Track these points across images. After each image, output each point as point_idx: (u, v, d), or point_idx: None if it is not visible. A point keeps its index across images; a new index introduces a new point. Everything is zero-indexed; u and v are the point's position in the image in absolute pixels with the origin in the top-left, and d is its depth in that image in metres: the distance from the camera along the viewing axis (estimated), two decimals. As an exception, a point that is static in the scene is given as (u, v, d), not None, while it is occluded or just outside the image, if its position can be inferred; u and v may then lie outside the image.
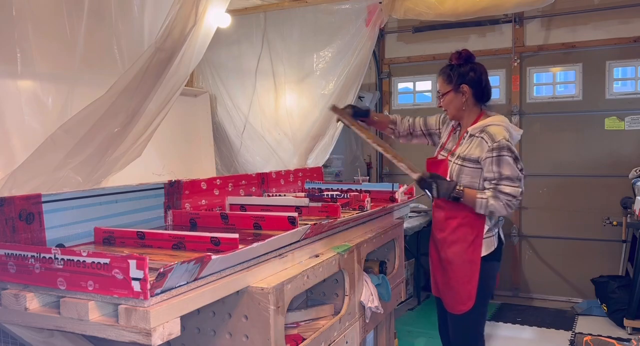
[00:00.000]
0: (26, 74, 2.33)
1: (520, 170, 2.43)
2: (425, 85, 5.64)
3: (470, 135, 2.50)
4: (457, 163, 2.49)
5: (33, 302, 1.45)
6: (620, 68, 4.95)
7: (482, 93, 2.54)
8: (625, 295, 4.29)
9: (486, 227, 2.49)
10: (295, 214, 2.02)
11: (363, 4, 3.86)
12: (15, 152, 2.19)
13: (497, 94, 5.30)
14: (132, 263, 1.31)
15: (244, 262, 1.68)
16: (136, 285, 1.31)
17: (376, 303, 2.40)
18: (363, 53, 3.83)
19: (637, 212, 4.09)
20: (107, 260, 1.35)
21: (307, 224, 1.99)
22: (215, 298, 1.55)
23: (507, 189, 2.38)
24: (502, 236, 2.59)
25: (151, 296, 1.32)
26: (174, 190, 2.22)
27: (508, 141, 2.41)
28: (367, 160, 5.75)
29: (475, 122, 2.53)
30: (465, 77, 2.50)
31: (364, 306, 2.35)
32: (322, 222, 2.08)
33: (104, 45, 2.61)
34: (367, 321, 2.38)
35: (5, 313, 1.48)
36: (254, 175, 2.73)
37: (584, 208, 4.98)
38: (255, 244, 1.68)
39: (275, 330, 1.67)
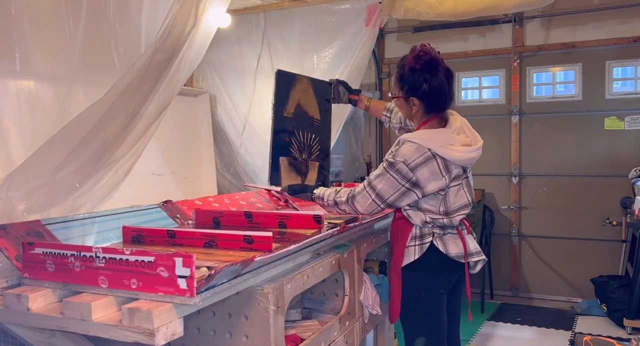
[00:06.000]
0: (25, 73, 2.33)
1: (407, 193, 2.09)
2: (425, 85, 5.63)
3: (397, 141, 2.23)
4: None
5: (36, 302, 1.45)
6: (620, 68, 4.94)
7: (433, 104, 2.19)
8: (625, 295, 4.29)
9: (410, 235, 2.19)
10: (321, 213, 2.05)
11: (363, 4, 3.85)
12: (14, 151, 2.19)
13: (497, 94, 5.29)
14: (179, 261, 1.32)
15: (275, 261, 1.72)
16: (182, 283, 1.32)
17: (376, 303, 2.40)
18: (363, 53, 3.82)
19: (636, 212, 4.09)
20: (151, 258, 1.36)
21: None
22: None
23: (358, 188, 2.16)
24: (440, 245, 2.18)
25: (197, 293, 1.34)
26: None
27: (409, 166, 2.05)
28: (367, 160, 5.74)
29: (418, 128, 2.24)
30: (418, 89, 2.15)
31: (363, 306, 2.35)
32: (349, 224, 2.10)
33: (102, 45, 2.61)
34: (366, 321, 2.38)
35: (8, 314, 1.47)
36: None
37: (583, 208, 4.98)
38: (292, 246, 1.70)
39: (275, 330, 1.67)
